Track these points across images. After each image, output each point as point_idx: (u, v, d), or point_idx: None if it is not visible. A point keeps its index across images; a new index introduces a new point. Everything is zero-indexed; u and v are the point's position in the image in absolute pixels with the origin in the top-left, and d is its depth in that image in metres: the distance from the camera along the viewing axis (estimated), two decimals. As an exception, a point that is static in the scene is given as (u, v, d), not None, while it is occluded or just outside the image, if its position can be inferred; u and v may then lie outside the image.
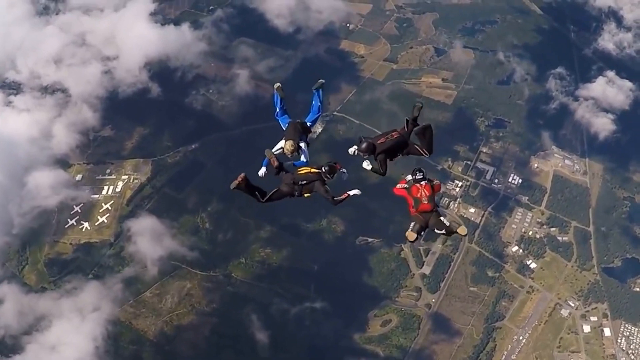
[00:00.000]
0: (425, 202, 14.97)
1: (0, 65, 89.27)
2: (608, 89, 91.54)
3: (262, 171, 15.63)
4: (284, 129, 16.11)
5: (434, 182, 15.60)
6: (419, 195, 15.00)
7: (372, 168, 15.44)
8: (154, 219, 76.30)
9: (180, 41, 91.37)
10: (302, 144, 15.86)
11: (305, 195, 15.41)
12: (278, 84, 16.79)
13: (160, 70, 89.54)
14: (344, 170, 15.93)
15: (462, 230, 15.58)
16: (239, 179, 14.95)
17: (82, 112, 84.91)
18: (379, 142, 15.27)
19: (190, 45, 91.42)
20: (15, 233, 75.03)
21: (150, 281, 72.61)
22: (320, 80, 16.61)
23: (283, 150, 15.62)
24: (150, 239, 74.48)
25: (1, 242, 74.85)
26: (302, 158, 15.87)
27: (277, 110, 16.51)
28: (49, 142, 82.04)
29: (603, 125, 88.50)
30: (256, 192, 15.24)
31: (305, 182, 15.13)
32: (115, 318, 70.16)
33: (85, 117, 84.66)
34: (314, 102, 16.60)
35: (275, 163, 15.17)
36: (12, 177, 76.03)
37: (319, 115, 16.71)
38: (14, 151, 78.91)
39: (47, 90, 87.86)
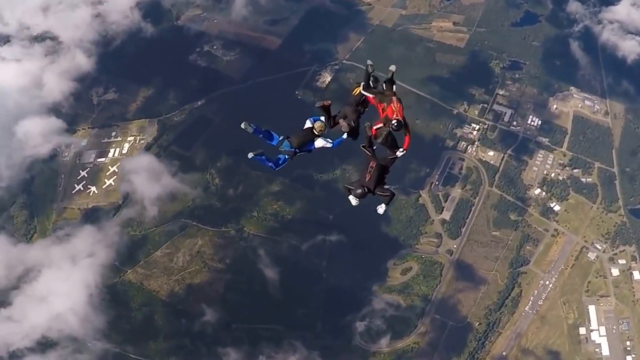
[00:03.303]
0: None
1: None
2: (633, 11, 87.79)
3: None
4: (281, 142, 17.14)
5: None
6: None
7: (388, 202, 16.67)
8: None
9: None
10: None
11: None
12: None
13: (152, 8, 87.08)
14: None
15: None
16: (326, 102, 17.20)
17: (75, 58, 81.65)
18: (367, 180, 16.37)
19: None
20: (4, 186, 72.73)
21: (158, 237, 70.43)
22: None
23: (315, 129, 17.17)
24: (149, 179, 72.81)
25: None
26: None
27: (268, 142, 17.45)
28: (40, 91, 78.99)
29: (631, 48, 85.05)
30: (330, 117, 17.32)
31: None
32: (125, 278, 68.04)
33: (79, 63, 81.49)
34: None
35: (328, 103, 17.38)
36: (1, 128, 73.50)
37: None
38: (3, 101, 76.12)
39: (37, 39, 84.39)
